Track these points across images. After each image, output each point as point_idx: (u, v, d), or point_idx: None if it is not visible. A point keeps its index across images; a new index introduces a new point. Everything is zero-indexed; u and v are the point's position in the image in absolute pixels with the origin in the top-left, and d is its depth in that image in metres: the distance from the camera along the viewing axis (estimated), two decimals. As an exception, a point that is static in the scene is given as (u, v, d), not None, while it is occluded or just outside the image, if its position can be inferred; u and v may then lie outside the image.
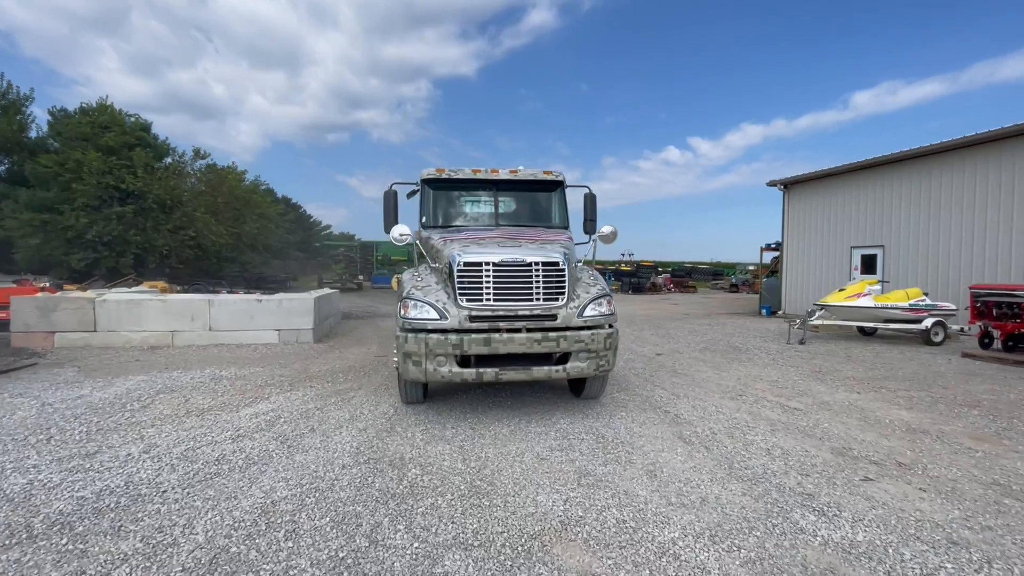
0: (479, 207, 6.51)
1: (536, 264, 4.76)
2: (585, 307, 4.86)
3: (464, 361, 4.68)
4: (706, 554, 2.65)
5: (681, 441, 4.42)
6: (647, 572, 2.50)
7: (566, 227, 6.47)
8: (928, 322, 10.03)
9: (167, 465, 3.75)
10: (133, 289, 12.45)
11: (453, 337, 4.58)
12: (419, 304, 4.74)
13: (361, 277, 31.66)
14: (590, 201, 6.81)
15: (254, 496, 3.27)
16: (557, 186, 6.60)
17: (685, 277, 37.22)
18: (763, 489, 3.45)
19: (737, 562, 2.59)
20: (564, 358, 4.81)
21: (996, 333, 8.75)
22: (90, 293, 9.65)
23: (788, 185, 16.70)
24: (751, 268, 42.33)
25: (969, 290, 9.15)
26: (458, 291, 4.69)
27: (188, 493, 3.30)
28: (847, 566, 2.56)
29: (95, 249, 19.71)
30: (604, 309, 4.96)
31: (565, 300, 4.80)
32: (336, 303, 13.23)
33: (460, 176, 6.37)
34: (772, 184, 17.03)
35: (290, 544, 2.72)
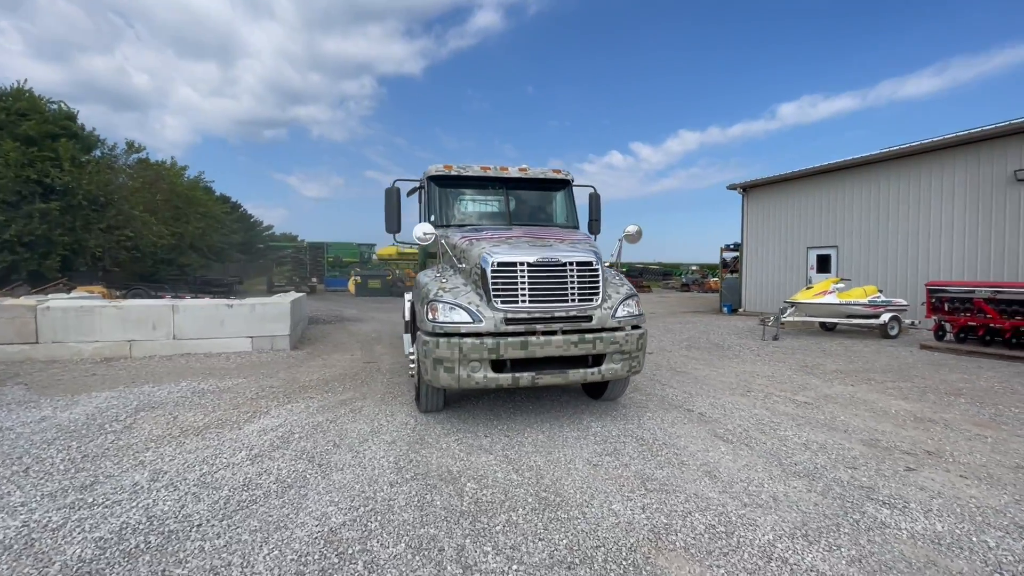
0: (489, 206, 6.31)
1: (571, 264, 4.63)
2: (617, 307, 4.78)
3: (498, 366, 4.47)
4: (811, 556, 2.62)
5: (720, 440, 4.43)
6: (763, 579, 2.44)
7: (576, 226, 6.39)
8: (885, 317, 10.80)
9: (188, 494, 3.31)
10: (72, 295, 11.17)
11: (489, 341, 4.36)
12: (450, 307, 4.48)
13: (314, 280, 30.27)
14: (595, 201, 6.78)
15: (307, 524, 2.93)
16: (565, 185, 6.51)
17: (638, 277, 38.32)
18: (824, 485, 3.49)
19: (844, 561, 2.58)
20: (598, 360, 4.70)
21: (949, 326, 9.53)
22: (30, 300, 8.54)
23: (747, 188, 17.53)
24: (695, 268, 44.41)
25: (925, 287, 9.91)
26: (492, 293, 4.48)
27: (228, 526, 2.91)
28: (945, 558, 2.61)
29: (13, 251, 17.54)
30: (634, 309, 4.90)
31: (600, 301, 4.70)
32: (305, 308, 12.51)
33: (470, 174, 6.14)
34: (732, 188, 17.82)
35: (375, 577, 2.44)
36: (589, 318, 4.63)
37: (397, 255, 40.24)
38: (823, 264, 14.90)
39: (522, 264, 4.53)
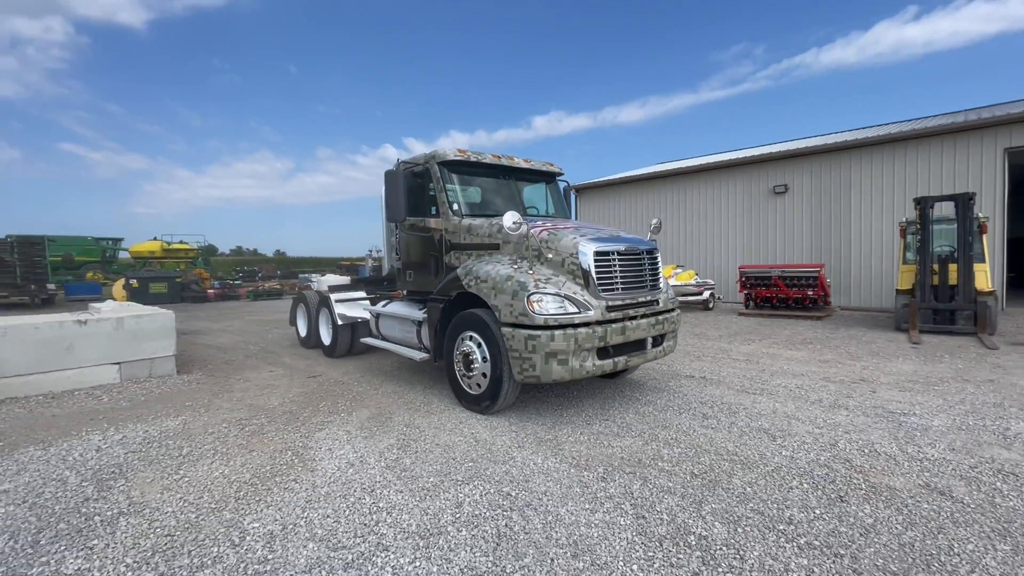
0: (503, 196, 6.09)
1: (646, 252, 5.01)
2: (668, 291, 5.36)
3: (602, 353, 4.56)
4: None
5: (794, 400, 5.44)
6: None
7: (569, 218, 6.70)
8: (706, 294, 14.05)
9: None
10: None
11: (599, 329, 4.43)
12: (556, 298, 4.37)
13: (52, 286, 22.14)
14: (567, 192, 7.19)
15: None
16: (555, 178, 6.74)
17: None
18: (831, 402, 4.77)
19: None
20: (659, 339, 5.20)
21: (754, 298, 13.03)
22: None
23: (579, 189, 20.06)
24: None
25: (739, 269, 13.27)
26: (597, 282, 4.54)
27: None
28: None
29: None
30: (672, 293, 5.56)
31: (663, 286, 5.20)
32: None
33: (486, 161, 5.85)
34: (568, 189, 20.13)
35: None
36: (657, 301, 5.10)
37: (162, 252, 32.65)
38: (645, 254, 18.25)
39: (614, 253, 4.71)
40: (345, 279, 9.38)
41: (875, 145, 13.16)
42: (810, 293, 11.87)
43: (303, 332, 9.24)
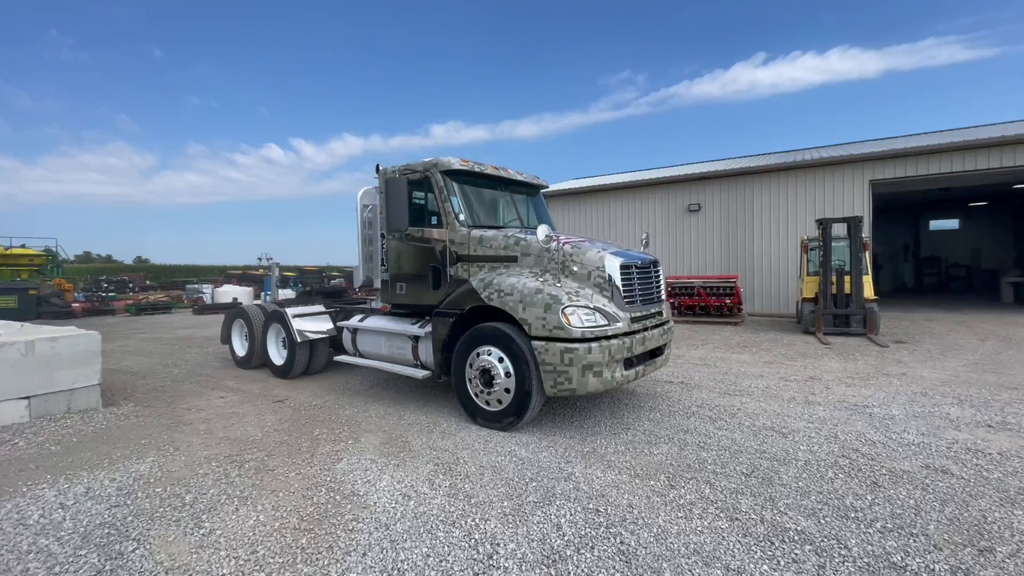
0: (505, 207, 6.00)
1: (654, 264, 5.27)
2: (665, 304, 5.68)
3: (627, 363, 4.69)
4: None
5: (771, 399, 5.95)
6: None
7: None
8: (635, 303, 15.00)
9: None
10: None
11: (627, 340, 4.57)
12: (589, 311, 4.43)
13: None
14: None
15: None
16: (539, 191, 6.82)
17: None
18: (800, 395, 5.44)
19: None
20: (659, 350, 5.47)
21: (679, 306, 14.19)
22: None
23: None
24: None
25: (665, 280, 14.36)
26: (624, 294, 4.67)
27: None
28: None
29: None
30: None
31: (664, 297, 5.50)
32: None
33: (488, 172, 5.77)
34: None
35: None
36: (661, 312, 5.38)
37: (-2, 260, 27.14)
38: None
39: (633, 267, 4.89)
40: (248, 289, 8.53)
41: (770, 172, 15.15)
42: (728, 301, 13.24)
43: (241, 351, 8.23)
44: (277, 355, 7.56)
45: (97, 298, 21.04)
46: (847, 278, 10.63)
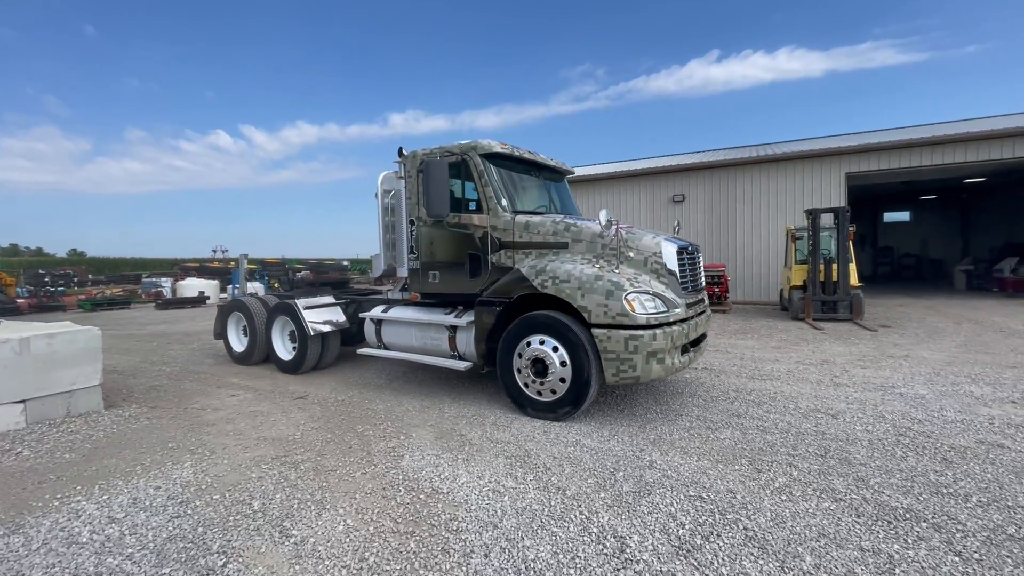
0: (542, 193, 5.83)
1: (697, 250, 5.26)
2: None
3: (683, 349, 4.66)
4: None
5: (799, 382, 6.06)
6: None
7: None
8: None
9: None
10: None
11: (685, 327, 4.53)
12: (651, 297, 4.36)
13: None
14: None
15: None
16: (564, 176, 6.69)
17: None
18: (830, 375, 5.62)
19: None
20: (701, 336, 5.48)
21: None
22: None
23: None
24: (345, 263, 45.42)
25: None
26: (680, 280, 4.63)
27: None
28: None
29: None
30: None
31: (703, 284, 5.50)
32: None
33: (526, 157, 5.59)
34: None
35: (955, 519, 2.80)
36: (703, 300, 5.38)
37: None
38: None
39: (685, 252, 4.86)
40: (214, 282, 8.06)
41: (751, 164, 15.58)
42: (716, 290, 13.55)
43: (239, 347, 7.73)
44: (284, 350, 7.14)
45: (44, 293, 19.35)
46: (834, 266, 11.06)
